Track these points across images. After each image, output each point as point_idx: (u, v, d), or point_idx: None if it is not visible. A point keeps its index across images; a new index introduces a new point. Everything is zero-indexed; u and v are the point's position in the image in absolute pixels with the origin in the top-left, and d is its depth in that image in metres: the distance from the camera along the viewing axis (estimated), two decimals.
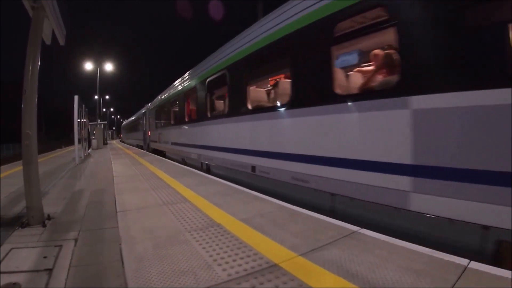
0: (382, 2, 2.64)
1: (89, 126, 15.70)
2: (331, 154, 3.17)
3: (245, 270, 1.79)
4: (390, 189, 2.55)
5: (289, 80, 4.02)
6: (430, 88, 2.28)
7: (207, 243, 2.22)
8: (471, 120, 2.08)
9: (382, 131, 2.65)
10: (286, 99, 4.05)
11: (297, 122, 3.77)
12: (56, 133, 51.76)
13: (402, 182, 2.46)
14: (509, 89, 1.87)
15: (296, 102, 3.79)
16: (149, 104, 16.49)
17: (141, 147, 19.17)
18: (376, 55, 3.36)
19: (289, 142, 3.91)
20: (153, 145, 14.58)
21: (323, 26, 3.27)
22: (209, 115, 6.74)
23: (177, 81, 10.18)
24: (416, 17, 2.39)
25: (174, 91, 10.14)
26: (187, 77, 8.79)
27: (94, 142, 17.26)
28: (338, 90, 3.18)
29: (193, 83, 7.88)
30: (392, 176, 2.54)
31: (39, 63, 2.94)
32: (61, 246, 2.30)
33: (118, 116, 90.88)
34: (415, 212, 2.40)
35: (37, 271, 1.89)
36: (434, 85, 2.27)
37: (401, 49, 2.53)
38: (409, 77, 2.44)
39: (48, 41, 3.57)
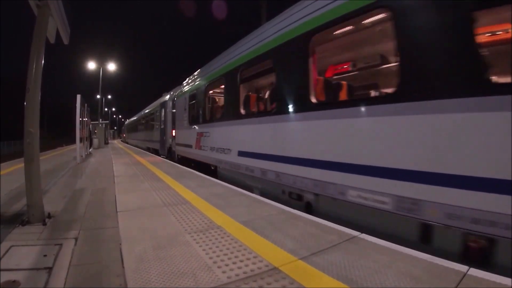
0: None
1: (90, 125, 15.74)
2: None
3: (245, 273, 1.79)
4: None
5: None
6: None
7: (207, 245, 2.22)
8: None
9: None
10: None
11: None
12: (57, 131, 51.99)
13: None
14: None
15: None
16: (174, 90, 11.22)
17: (155, 152, 14.10)
18: None
19: None
20: (182, 152, 9.05)
21: None
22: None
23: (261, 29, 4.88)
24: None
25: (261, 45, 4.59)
26: None
27: (95, 141, 17.34)
28: None
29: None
30: None
31: (43, 62, 2.95)
32: (61, 244, 2.30)
33: (120, 116, 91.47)
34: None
35: (37, 269, 1.89)
36: None
37: None
38: None
39: (52, 40, 3.58)
